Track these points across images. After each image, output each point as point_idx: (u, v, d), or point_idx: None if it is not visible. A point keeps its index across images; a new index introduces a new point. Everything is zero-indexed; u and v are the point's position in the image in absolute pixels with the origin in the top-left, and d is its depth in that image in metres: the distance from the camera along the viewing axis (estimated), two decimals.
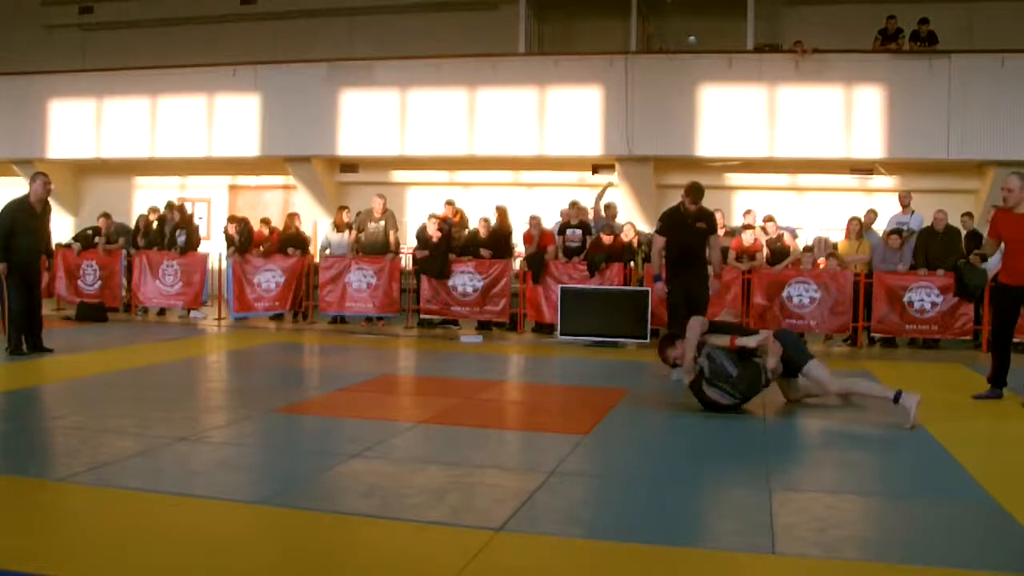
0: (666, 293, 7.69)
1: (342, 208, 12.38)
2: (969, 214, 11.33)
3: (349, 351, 9.47)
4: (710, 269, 7.90)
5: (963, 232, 10.72)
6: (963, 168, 12.64)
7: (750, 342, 5.90)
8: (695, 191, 7.59)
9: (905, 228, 10.82)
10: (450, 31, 15.30)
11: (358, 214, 12.46)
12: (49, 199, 8.59)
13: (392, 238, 11.78)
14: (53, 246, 9.40)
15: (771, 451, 5.09)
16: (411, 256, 11.92)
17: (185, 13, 16.45)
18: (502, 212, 11.99)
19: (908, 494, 4.17)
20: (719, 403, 5.84)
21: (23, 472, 4.17)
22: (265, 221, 12.67)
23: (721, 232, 9.34)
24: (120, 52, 16.26)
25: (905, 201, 11.25)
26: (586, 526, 3.62)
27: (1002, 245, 6.72)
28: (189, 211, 13.59)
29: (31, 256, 8.30)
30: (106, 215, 13.00)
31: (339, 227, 12.05)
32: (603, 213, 12.10)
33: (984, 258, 7.01)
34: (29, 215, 8.26)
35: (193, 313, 12.35)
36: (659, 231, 7.76)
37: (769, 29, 14.22)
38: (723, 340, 5.94)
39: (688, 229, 7.61)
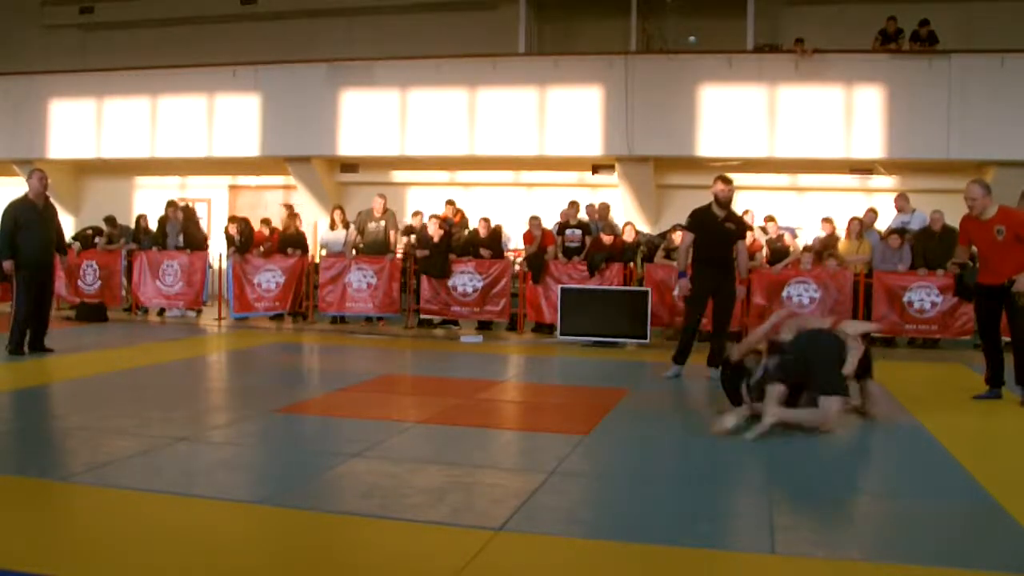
0: (688, 290, 7.72)
1: (336, 207, 12.42)
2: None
3: (349, 351, 9.47)
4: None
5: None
6: (963, 168, 12.60)
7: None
8: (723, 176, 7.74)
9: (907, 228, 10.81)
10: (450, 31, 15.28)
11: (359, 214, 12.46)
12: (50, 199, 8.56)
13: (392, 238, 11.79)
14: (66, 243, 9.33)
15: (771, 451, 5.09)
16: (409, 255, 11.89)
17: (185, 13, 16.42)
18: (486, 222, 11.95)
19: (908, 494, 4.17)
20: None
21: (23, 472, 4.17)
22: (265, 221, 12.67)
23: (750, 235, 9.40)
24: (120, 52, 16.25)
25: (900, 204, 11.24)
26: (586, 526, 3.62)
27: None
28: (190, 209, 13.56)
29: (40, 254, 8.23)
30: (112, 220, 13.01)
31: (332, 225, 12.07)
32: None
33: (961, 266, 7.02)
34: (32, 213, 8.22)
35: (174, 311, 12.35)
36: (688, 227, 7.83)
37: (769, 29, 14.22)
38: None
39: (717, 228, 7.63)
